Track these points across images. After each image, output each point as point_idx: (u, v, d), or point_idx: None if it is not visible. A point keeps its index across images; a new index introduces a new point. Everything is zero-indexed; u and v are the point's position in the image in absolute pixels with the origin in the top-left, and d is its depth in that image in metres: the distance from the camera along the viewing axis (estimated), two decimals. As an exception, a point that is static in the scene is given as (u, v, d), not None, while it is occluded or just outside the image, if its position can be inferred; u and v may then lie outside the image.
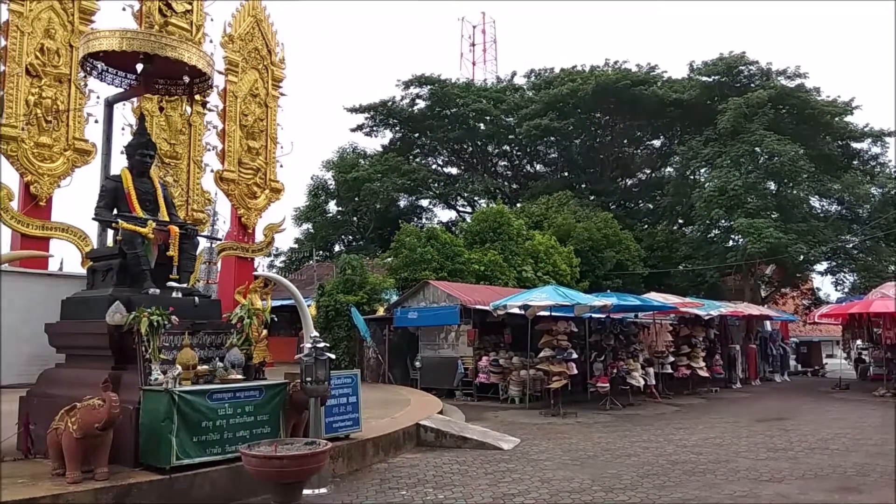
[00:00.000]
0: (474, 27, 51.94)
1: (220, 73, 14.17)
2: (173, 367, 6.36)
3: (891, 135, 29.93)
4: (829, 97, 29.85)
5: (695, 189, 29.12)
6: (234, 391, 6.66)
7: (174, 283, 7.26)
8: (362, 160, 37.44)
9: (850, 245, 28.92)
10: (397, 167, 34.67)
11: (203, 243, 11.43)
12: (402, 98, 37.74)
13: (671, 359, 17.50)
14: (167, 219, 7.72)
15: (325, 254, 35.55)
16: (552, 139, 37.16)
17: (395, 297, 18.99)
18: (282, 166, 15.70)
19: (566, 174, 38.97)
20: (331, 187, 37.27)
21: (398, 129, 39.36)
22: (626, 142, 38.02)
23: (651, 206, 37.21)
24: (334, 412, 7.93)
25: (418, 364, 16.96)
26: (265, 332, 7.51)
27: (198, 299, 7.44)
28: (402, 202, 38.26)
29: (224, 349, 7.19)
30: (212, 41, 14.46)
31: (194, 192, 14.14)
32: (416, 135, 39.41)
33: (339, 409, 8.04)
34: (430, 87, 36.84)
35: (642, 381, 15.46)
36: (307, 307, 7.97)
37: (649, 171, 39.08)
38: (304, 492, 6.10)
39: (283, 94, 15.95)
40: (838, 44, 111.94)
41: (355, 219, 36.88)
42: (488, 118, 37.29)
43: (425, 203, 40.27)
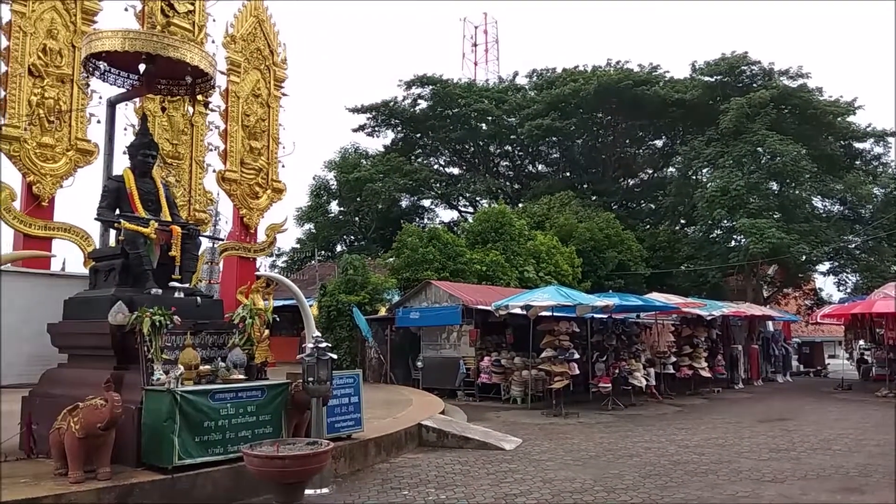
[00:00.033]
0: (476, 27, 52.04)
1: (222, 73, 14.16)
2: (175, 367, 6.37)
3: (893, 135, 29.93)
4: (831, 97, 29.87)
5: (697, 189, 29.10)
6: (237, 391, 6.66)
7: (176, 284, 7.26)
8: (364, 160, 37.47)
9: (853, 245, 28.89)
10: (399, 167, 34.69)
11: (205, 243, 11.45)
12: (404, 98, 37.81)
13: (673, 359, 17.49)
14: (169, 219, 7.72)
15: (326, 254, 35.58)
16: (554, 139, 37.17)
17: (397, 298, 18.99)
18: (284, 166, 15.68)
19: (568, 174, 38.98)
20: (333, 187, 37.31)
21: (400, 129, 39.37)
22: (628, 142, 38.01)
23: (653, 206, 37.21)
24: (336, 412, 7.92)
25: (420, 364, 16.97)
26: (267, 332, 7.53)
27: (200, 299, 7.44)
28: (404, 202, 38.29)
29: (226, 349, 7.20)
30: (214, 41, 14.44)
31: (196, 192, 14.13)
32: (418, 135, 39.43)
33: (341, 409, 8.04)
34: (431, 87, 36.86)
35: (644, 382, 15.47)
36: (309, 307, 7.99)
37: (651, 172, 39.08)
38: (306, 492, 6.10)
39: (285, 95, 15.93)
40: (841, 44, 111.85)
41: (357, 219, 36.90)
42: (490, 118, 37.29)
43: (427, 203, 40.36)
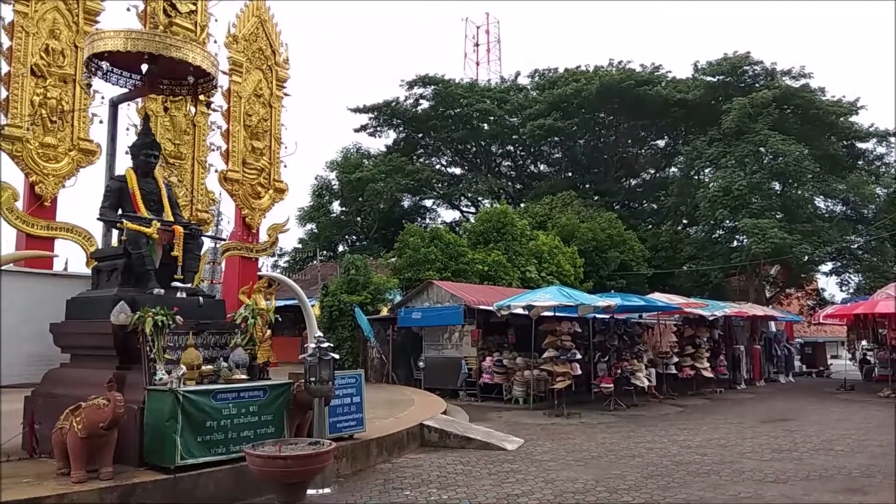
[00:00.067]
0: (478, 27, 52.04)
1: (224, 73, 14.22)
2: (178, 367, 6.38)
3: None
4: (833, 97, 29.81)
5: (699, 189, 29.07)
6: (239, 391, 6.66)
7: (178, 284, 7.26)
8: (366, 160, 37.47)
9: (855, 245, 28.85)
10: (401, 167, 34.69)
11: (207, 243, 11.46)
12: (406, 98, 37.79)
13: (675, 359, 17.47)
14: (171, 219, 7.72)
15: (328, 254, 35.60)
16: (556, 139, 37.15)
17: (399, 298, 18.99)
18: (286, 166, 15.76)
19: (570, 174, 38.96)
20: (334, 187, 37.33)
21: (402, 129, 39.37)
22: (630, 142, 37.98)
23: (655, 206, 37.19)
24: (338, 412, 7.92)
25: (422, 364, 16.96)
26: (269, 332, 7.54)
27: (202, 299, 7.44)
28: (406, 202, 38.30)
29: (228, 349, 7.20)
30: (216, 41, 14.52)
31: (198, 192, 14.18)
32: (420, 135, 39.42)
33: (343, 409, 8.04)
34: (433, 87, 36.85)
35: (647, 382, 15.46)
36: (311, 307, 7.99)
37: (653, 172, 39.05)
38: (308, 492, 6.10)
39: (286, 95, 15.98)
40: (843, 44, 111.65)
41: (359, 219, 36.90)
42: (492, 118, 37.28)
43: (429, 203, 40.36)
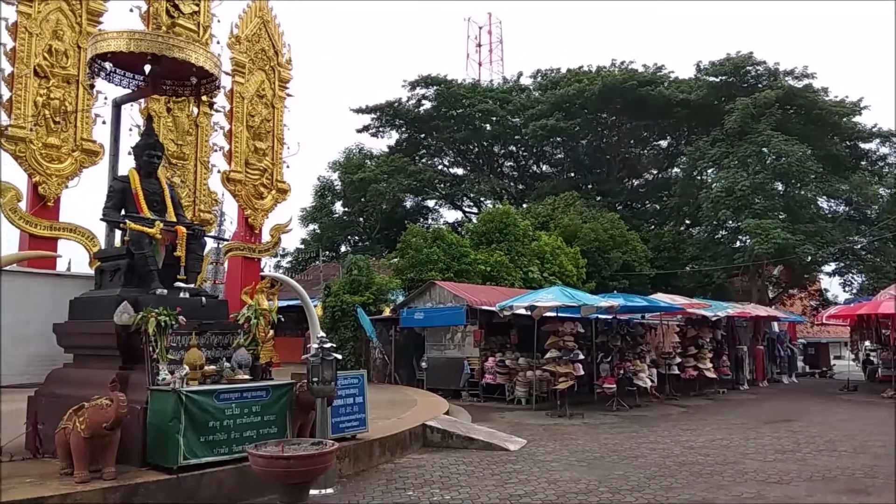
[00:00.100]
0: (480, 28, 52.05)
1: (227, 74, 14.20)
2: (181, 367, 6.38)
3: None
4: (836, 97, 29.78)
5: (702, 190, 29.04)
6: (241, 391, 6.67)
7: (181, 284, 7.27)
8: (368, 161, 37.49)
9: (859, 246, 28.80)
10: (403, 168, 34.71)
11: (210, 244, 11.51)
12: (409, 99, 37.82)
13: (678, 360, 17.44)
14: (174, 219, 7.73)
15: (331, 254, 35.62)
16: (558, 140, 37.15)
17: (402, 298, 19.00)
18: (288, 167, 15.73)
19: (572, 175, 38.95)
20: (337, 188, 37.34)
21: (404, 129, 39.39)
22: (632, 142, 37.97)
23: (658, 206, 37.15)
24: (341, 412, 7.92)
25: (424, 365, 16.96)
26: (272, 332, 7.54)
27: (205, 300, 7.45)
28: (409, 203, 38.31)
29: (231, 349, 7.20)
30: (219, 42, 14.49)
31: (201, 192, 14.17)
32: (423, 135, 39.44)
33: (346, 410, 8.04)
34: (436, 87, 36.87)
35: (649, 382, 15.44)
36: (313, 308, 7.99)
37: (656, 172, 39.02)
38: (311, 492, 6.11)
39: (289, 95, 15.97)
40: (846, 44, 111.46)
41: (361, 219, 36.93)
42: (494, 119, 37.29)
43: (431, 204, 40.40)
